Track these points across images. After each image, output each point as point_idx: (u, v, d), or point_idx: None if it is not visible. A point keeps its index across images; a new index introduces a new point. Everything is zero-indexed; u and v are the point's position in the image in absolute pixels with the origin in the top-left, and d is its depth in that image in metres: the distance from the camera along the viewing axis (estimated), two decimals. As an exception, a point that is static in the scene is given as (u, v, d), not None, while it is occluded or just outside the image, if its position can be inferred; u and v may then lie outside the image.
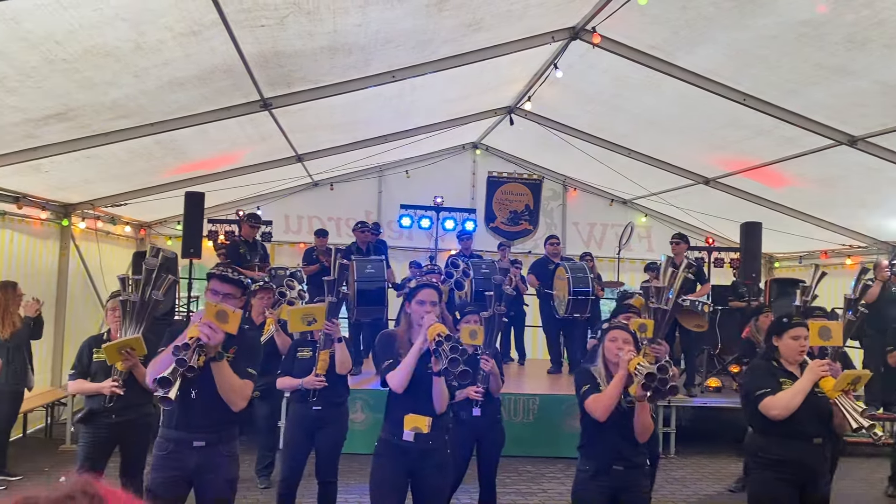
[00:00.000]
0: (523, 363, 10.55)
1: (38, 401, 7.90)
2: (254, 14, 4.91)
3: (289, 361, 5.25)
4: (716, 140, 8.62)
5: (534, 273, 9.81)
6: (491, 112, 10.28)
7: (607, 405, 3.72)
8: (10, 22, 4.02)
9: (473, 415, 5.02)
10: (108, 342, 4.73)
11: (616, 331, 3.95)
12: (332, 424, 5.08)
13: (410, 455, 3.75)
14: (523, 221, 13.12)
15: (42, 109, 5.55)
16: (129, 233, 11.24)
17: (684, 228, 11.49)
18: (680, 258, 8.89)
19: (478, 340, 4.93)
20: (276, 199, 12.00)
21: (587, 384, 3.88)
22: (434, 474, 3.82)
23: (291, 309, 5.17)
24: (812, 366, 3.96)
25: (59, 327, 8.90)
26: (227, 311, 3.42)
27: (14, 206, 7.68)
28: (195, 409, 3.48)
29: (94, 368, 4.81)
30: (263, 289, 6.59)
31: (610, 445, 3.83)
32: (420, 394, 3.72)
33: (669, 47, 6.71)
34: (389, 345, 3.87)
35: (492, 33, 6.68)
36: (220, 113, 6.81)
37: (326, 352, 4.96)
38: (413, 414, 3.76)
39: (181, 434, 3.57)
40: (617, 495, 3.84)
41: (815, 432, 3.96)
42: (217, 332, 3.35)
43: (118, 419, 4.71)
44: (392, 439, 3.79)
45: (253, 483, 6.64)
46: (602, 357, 3.96)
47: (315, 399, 4.98)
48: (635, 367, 3.64)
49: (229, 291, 3.61)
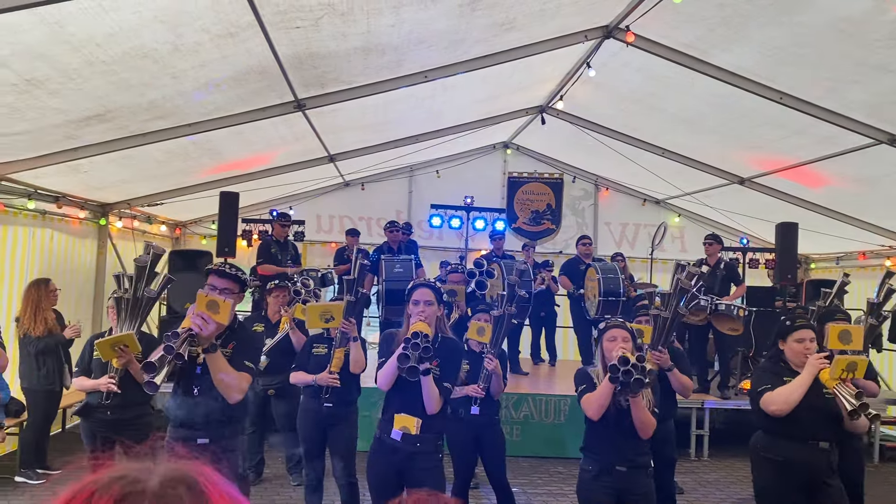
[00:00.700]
0: (554, 364, 10.50)
1: (76, 398, 8.03)
2: (289, 16, 4.95)
3: (304, 356, 5.26)
4: (751, 139, 8.50)
5: (565, 274, 9.76)
6: (522, 112, 10.25)
7: (599, 404, 3.71)
8: (54, 25, 4.10)
9: (472, 413, 5.02)
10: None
11: (614, 329, 3.93)
12: (342, 422, 5.09)
13: (398, 454, 3.79)
14: (545, 221, 13.06)
15: (82, 111, 5.65)
16: (165, 232, 11.42)
17: (718, 228, 11.36)
18: (714, 259, 8.80)
19: (485, 338, 4.95)
20: (309, 199, 12.10)
21: (583, 384, 3.89)
22: (424, 478, 3.79)
23: (310, 306, 5.18)
24: (811, 359, 3.89)
25: (96, 325, 9.07)
26: (218, 302, 3.46)
27: (54, 205, 7.84)
28: (199, 407, 3.53)
29: (94, 365, 4.88)
30: (279, 287, 6.64)
31: (612, 445, 3.81)
32: (411, 394, 3.75)
33: (704, 45, 6.64)
34: (387, 343, 3.92)
35: (524, 33, 6.67)
36: (255, 114, 6.88)
37: (342, 350, 4.97)
38: (403, 414, 3.79)
39: (185, 433, 3.63)
40: (621, 496, 3.82)
41: (820, 436, 3.89)
42: (209, 322, 3.40)
43: (113, 416, 4.76)
44: (382, 436, 3.86)
45: (286, 481, 6.71)
46: (600, 357, 3.93)
47: (327, 396, 4.99)
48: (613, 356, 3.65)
49: (226, 286, 3.67)
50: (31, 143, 6.05)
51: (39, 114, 5.42)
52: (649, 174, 10.53)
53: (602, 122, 9.72)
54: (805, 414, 3.81)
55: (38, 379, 6.49)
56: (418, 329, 3.61)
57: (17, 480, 6.41)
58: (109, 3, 4.06)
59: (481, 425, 5.06)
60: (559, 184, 13.02)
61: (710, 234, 9.01)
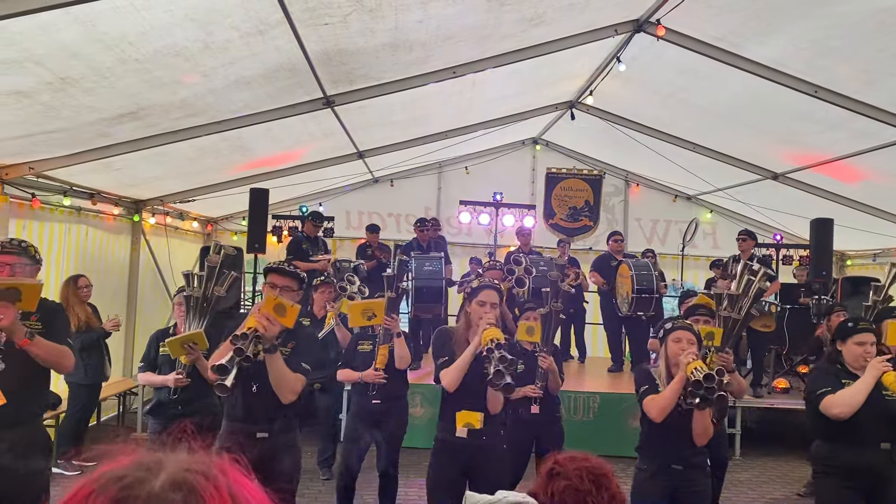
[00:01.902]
0: (583, 361, 10.43)
1: (112, 390, 8.20)
2: (318, 12, 4.97)
3: (349, 354, 5.32)
4: (785, 134, 8.35)
5: (596, 270, 9.68)
6: (551, 107, 10.18)
7: (663, 407, 3.65)
8: (88, 24, 4.16)
9: (531, 413, 5.00)
10: (173, 336, 4.89)
11: (680, 331, 3.86)
12: (391, 418, 5.12)
13: (465, 452, 3.77)
14: (583, 217, 12.96)
15: (115, 109, 5.74)
16: (197, 228, 11.57)
17: (751, 225, 11.19)
18: (747, 255, 8.67)
19: (535, 337, 4.91)
20: (338, 196, 12.16)
21: (646, 385, 3.82)
22: (490, 470, 3.80)
23: (352, 303, 5.22)
24: (873, 362, 3.79)
25: (129, 319, 9.22)
26: (286, 305, 3.48)
27: (89, 202, 7.98)
28: (257, 402, 3.56)
29: (161, 361, 5.01)
30: (324, 283, 6.70)
31: (668, 446, 3.77)
32: (473, 391, 3.72)
33: (737, 39, 6.53)
34: (445, 342, 3.89)
35: (553, 27, 6.62)
36: (285, 111, 6.93)
37: (386, 346, 5.00)
38: (465, 410, 3.77)
39: (245, 426, 3.66)
40: (676, 494, 3.78)
41: (882, 437, 3.81)
42: (274, 324, 3.43)
43: (184, 410, 4.87)
44: (447, 437, 3.82)
45: (315, 475, 6.75)
46: (664, 358, 3.88)
47: (374, 393, 5.03)
48: (692, 371, 3.56)
49: (287, 284, 3.71)
50: (66, 140, 6.16)
51: (74, 112, 5.51)
52: (680, 170, 10.40)
53: (632, 118, 9.62)
54: (867, 417, 3.72)
55: (84, 373, 6.64)
56: (495, 336, 3.54)
57: (54, 471, 6.54)
58: (141, 2, 4.11)
59: (542, 424, 5.06)
60: (598, 180, 12.90)
61: (743, 230, 8.88)
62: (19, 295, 3.25)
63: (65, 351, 3.61)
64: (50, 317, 3.64)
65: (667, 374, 3.81)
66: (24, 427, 3.53)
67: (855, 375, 3.87)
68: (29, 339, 3.36)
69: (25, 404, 3.55)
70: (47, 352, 3.48)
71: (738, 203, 11.39)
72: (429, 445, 4.09)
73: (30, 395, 3.62)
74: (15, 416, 3.43)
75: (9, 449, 3.40)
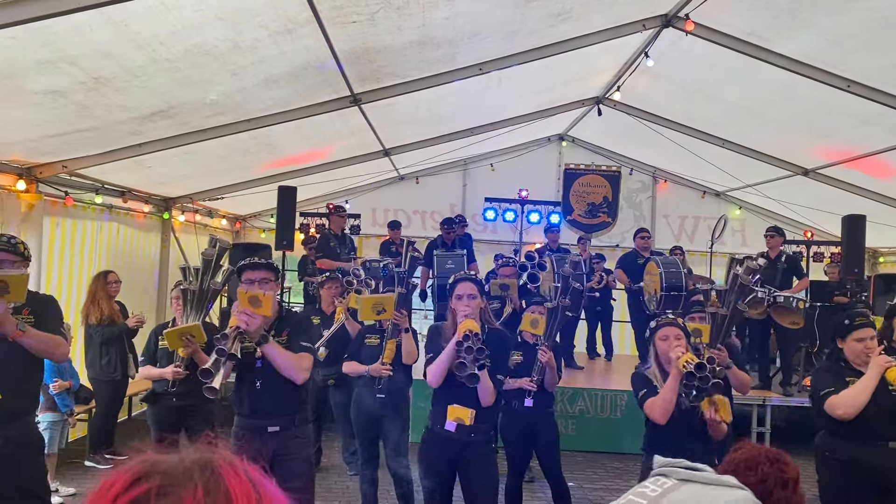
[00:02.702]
0: (610, 359, 10.39)
1: (141, 386, 8.29)
2: (345, 11, 5.00)
3: (356, 347, 5.33)
4: (816, 129, 8.23)
5: (621, 267, 9.62)
6: (578, 103, 10.14)
7: (665, 408, 3.63)
8: (120, 24, 4.22)
9: (525, 405, 4.99)
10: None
11: (666, 328, 3.84)
12: (394, 412, 5.12)
13: (453, 445, 3.81)
14: (601, 214, 12.88)
15: (147, 107, 5.81)
16: (226, 225, 11.68)
17: (781, 221, 11.04)
18: (775, 252, 8.57)
19: (538, 330, 4.91)
20: (364, 193, 12.22)
21: (644, 388, 3.80)
22: (477, 468, 3.83)
23: (363, 298, 5.24)
24: (875, 359, 3.73)
25: (160, 316, 9.34)
26: (258, 296, 3.53)
27: (120, 199, 8.09)
28: (263, 397, 3.59)
29: (160, 354, 5.11)
30: (330, 279, 6.76)
31: (675, 445, 3.72)
32: (464, 386, 3.73)
33: (767, 33, 6.45)
34: (434, 339, 3.93)
35: (580, 23, 6.58)
36: (312, 109, 6.96)
37: (393, 341, 5.03)
38: (457, 405, 3.80)
39: (255, 422, 3.71)
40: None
41: (890, 435, 3.75)
42: (254, 317, 3.46)
43: (179, 403, 4.96)
44: (435, 427, 3.87)
45: (342, 470, 6.80)
46: (654, 357, 3.85)
47: (380, 387, 5.04)
48: (684, 363, 3.54)
49: (263, 276, 3.73)
50: (98, 139, 6.25)
51: (106, 111, 5.60)
52: (709, 166, 10.31)
53: (660, 113, 9.54)
54: (872, 414, 3.67)
55: (101, 368, 6.74)
56: (468, 328, 3.59)
57: (86, 465, 6.66)
58: (172, 2, 4.16)
59: (535, 418, 5.04)
60: (616, 176, 12.82)
61: (771, 227, 8.78)
62: (7, 288, 3.27)
63: (58, 340, 3.63)
64: (41, 308, 3.67)
65: (660, 372, 3.79)
66: (20, 422, 3.57)
67: (859, 372, 3.82)
68: (21, 332, 3.38)
69: (20, 400, 3.59)
70: (39, 341, 3.50)
71: (767, 199, 11.26)
72: None
73: (24, 391, 3.65)
74: (10, 412, 3.48)
75: (5, 444, 3.45)
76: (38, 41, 4.15)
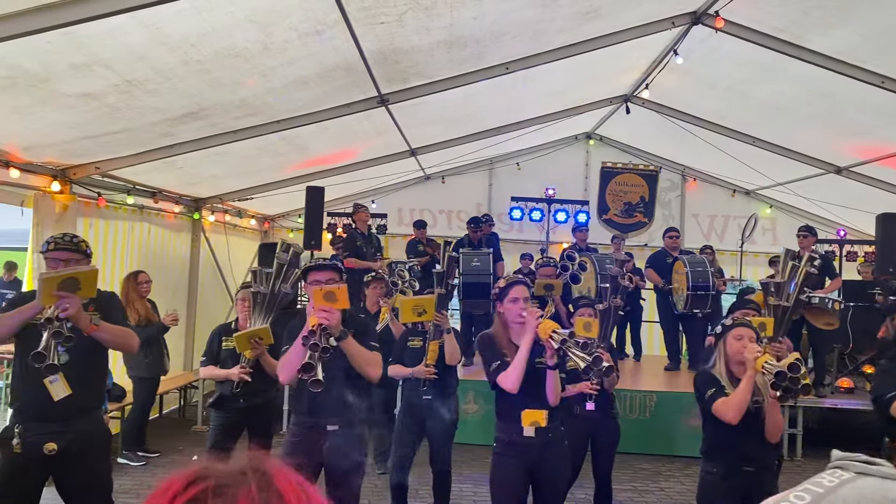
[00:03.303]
0: (639, 359, 10.30)
1: (173, 384, 8.42)
2: (374, 12, 5.02)
3: (399, 349, 5.35)
4: (849, 126, 8.10)
5: (651, 267, 9.54)
6: (606, 101, 10.08)
7: (740, 408, 3.54)
8: (152, 27, 4.28)
9: (587, 409, 4.96)
10: (237, 331, 5.00)
11: (740, 328, 3.77)
12: (442, 413, 5.12)
13: (533, 451, 3.73)
14: (638, 213, 12.77)
15: (178, 109, 5.88)
16: (255, 226, 11.80)
17: (813, 220, 10.88)
18: (806, 252, 8.44)
19: (592, 333, 4.84)
20: (391, 193, 12.25)
21: (712, 387, 3.71)
22: (554, 467, 3.80)
23: (403, 299, 5.26)
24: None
25: (190, 315, 9.46)
26: (333, 290, 3.54)
27: (151, 200, 8.20)
28: (322, 396, 3.60)
29: (224, 356, 5.11)
30: (376, 279, 6.76)
31: (738, 447, 3.68)
32: (532, 389, 3.68)
33: (799, 30, 6.36)
34: (492, 347, 3.85)
35: (609, 21, 6.54)
36: (340, 109, 7.00)
37: (436, 342, 5.03)
38: (529, 409, 3.74)
39: (315, 419, 3.72)
40: (747, 498, 3.70)
41: None
42: (333, 312, 3.48)
43: (245, 404, 4.98)
44: (512, 437, 3.76)
45: (371, 469, 6.82)
46: (723, 356, 3.79)
47: (425, 388, 5.05)
48: (763, 365, 3.48)
49: (329, 277, 3.76)
50: (130, 140, 6.34)
51: (138, 113, 5.67)
52: (739, 164, 10.18)
53: (690, 111, 9.45)
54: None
55: (145, 367, 6.85)
56: (554, 328, 3.47)
57: (119, 462, 6.76)
58: (203, 5, 4.21)
59: (597, 421, 5.01)
60: (654, 175, 12.69)
61: (803, 226, 8.64)
62: (78, 284, 3.37)
63: (129, 332, 3.80)
64: (106, 304, 3.79)
65: (727, 373, 3.73)
66: (89, 417, 3.69)
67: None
68: (96, 326, 3.51)
69: (90, 395, 3.71)
70: (113, 334, 3.64)
71: (799, 198, 11.10)
72: (482, 442, 4.09)
73: (93, 386, 3.77)
74: (80, 406, 3.58)
75: (76, 439, 3.55)
76: (72, 45, 4.22)
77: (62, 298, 3.31)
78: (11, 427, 3.56)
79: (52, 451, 3.49)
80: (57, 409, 3.46)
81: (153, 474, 6.56)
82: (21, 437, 3.50)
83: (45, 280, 3.33)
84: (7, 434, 3.56)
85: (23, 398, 3.59)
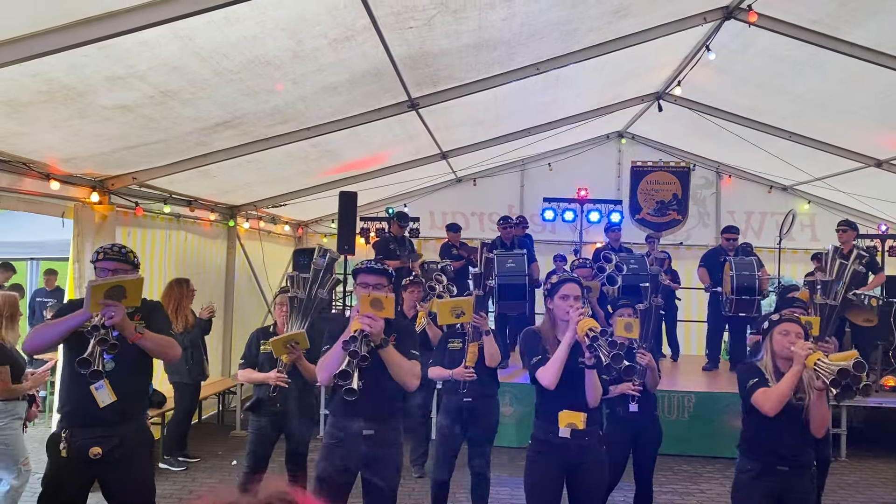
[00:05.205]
0: (677, 359, 10.19)
1: (211, 389, 8.53)
2: (403, 16, 5.03)
3: (440, 352, 5.37)
4: (889, 118, 7.91)
5: (704, 266, 9.42)
6: (637, 99, 9.98)
7: (780, 400, 3.48)
8: (185, 39, 4.34)
9: (630, 411, 4.92)
10: (275, 335, 5.05)
11: (788, 323, 3.70)
12: (482, 416, 5.14)
13: (568, 452, 3.71)
14: (671, 211, 12.61)
15: (211, 118, 5.96)
16: (288, 232, 11.91)
17: (853, 215, 10.65)
18: (848, 247, 8.26)
19: (633, 333, 4.78)
20: (422, 196, 12.27)
21: (755, 378, 3.65)
22: (590, 471, 3.77)
23: (440, 301, 5.26)
24: None
25: (227, 320, 9.58)
26: (381, 298, 3.55)
27: (187, 209, 8.33)
28: (362, 400, 3.61)
29: (262, 359, 5.18)
30: (413, 283, 6.77)
31: (776, 443, 3.61)
32: (572, 389, 3.65)
33: (835, 21, 6.23)
34: (535, 342, 3.84)
35: (639, 19, 6.48)
36: (371, 115, 7.04)
37: (475, 344, 5.03)
38: (568, 410, 3.71)
39: (352, 424, 3.73)
40: (782, 498, 3.64)
41: None
42: (377, 320, 3.49)
43: (283, 408, 5.03)
44: (548, 437, 3.75)
45: (407, 472, 6.83)
46: (769, 351, 3.72)
47: (465, 391, 5.05)
48: (815, 362, 3.40)
49: (378, 281, 3.77)
50: (165, 150, 6.45)
51: (173, 123, 5.77)
52: (776, 160, 10.01)
53: (723, 107, 9.32)
54: None
55: (188, 373, 6.97)
56: (591, 325, 3.46)
57: (160, 467, 6.87)
58: (234, 16, 4.26)
59: (639, 423, 4.97)
60: (686, 173, 12.53)
61: (843, 221, 8.47)
62: (124, 292, 3.47)
63: (172, 341, 3.87)
64: (151, 313, 3.89)
65: (773, 367, 3.67)
66: (133, 422, 3.76)
67: None
68: (140, 334, 3.60)
69: (134, 401, 3.79)
70: (156, 343, 3.72)
71: (838, 193, 10.87)
72: (518, 444, 4.07)
73: (137, 393, 3.86)
74: (124, 412, 3.66)
75: (120, 443, 3.63)
76: (108, 58, 4.31)
77: (108, 306, 3.40)
78: (59, 432, 3.65)
79: (98, 455, 3.56)
80: (102, 414, 3.56)
81: (194, 479, 6.65)
82: (67, 442, 3.58)
83: (94, 288, 3.42)
84: (55, 439, 3.65)
85: (70, 403, 3.68)
